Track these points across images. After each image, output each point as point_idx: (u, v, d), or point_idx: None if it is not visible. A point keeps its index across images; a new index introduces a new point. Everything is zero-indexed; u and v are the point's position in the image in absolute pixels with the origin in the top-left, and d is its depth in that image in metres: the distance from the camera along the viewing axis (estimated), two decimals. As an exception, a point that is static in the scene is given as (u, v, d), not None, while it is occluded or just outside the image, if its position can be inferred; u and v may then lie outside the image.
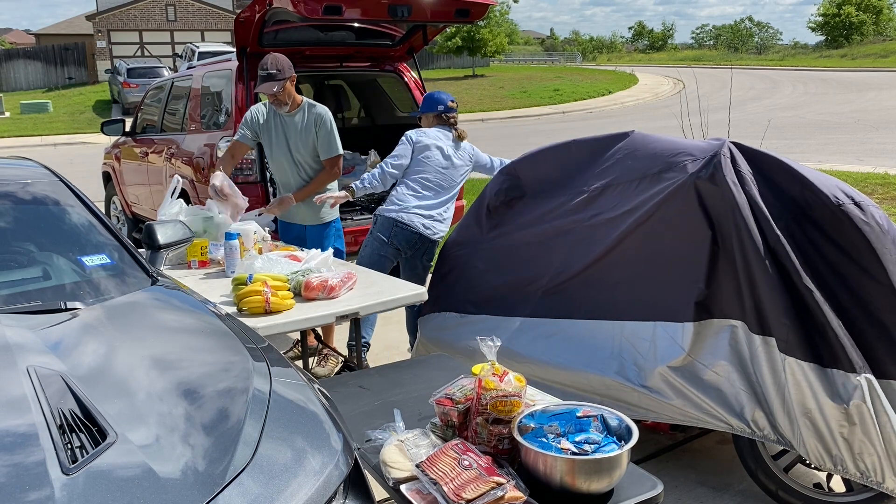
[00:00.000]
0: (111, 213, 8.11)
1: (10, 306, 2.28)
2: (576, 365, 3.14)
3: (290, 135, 4.22)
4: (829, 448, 2.63)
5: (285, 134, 4.23)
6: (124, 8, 36.19)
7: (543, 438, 2.04)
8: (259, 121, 4.28)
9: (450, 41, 36.01)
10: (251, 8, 4.68)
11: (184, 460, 1.60)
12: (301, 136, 4.20)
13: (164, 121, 6.69)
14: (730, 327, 2.82)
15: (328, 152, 4.20)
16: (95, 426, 1.66)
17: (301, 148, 4.22)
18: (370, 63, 5.80)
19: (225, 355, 2.12)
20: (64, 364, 1.91)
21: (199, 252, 3.70)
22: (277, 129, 4.24)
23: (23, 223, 2.73)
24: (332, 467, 1.72)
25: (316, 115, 4.18)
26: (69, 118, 25.31)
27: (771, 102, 23.89)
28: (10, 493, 1.43)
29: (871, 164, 10.95)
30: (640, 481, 2.01)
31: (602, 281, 3.16)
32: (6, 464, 1.52)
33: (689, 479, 3.17)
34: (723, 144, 2.98)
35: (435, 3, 4.53)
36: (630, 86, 32.73)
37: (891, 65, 35.98)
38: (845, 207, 2.66)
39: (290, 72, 4.08)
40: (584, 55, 69.43)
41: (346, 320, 3.17)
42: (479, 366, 2.21)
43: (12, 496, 1.43)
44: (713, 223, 2.88)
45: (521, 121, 23.21)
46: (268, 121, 4.27)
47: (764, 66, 43.85)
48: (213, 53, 20.67)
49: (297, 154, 4.23)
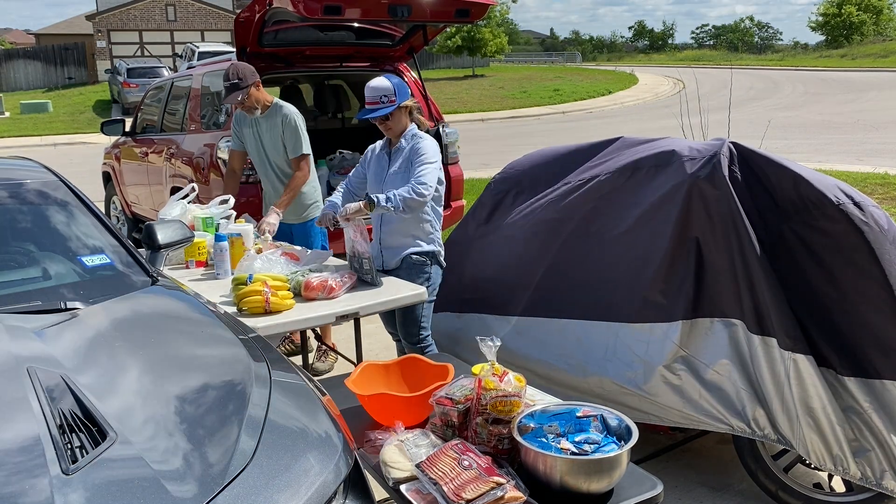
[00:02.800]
0: (111, 213, 8.11)
1: (9, 306, 2.28)
2: (572, 366, 3.14)
3: (263, 137, 4.31)
4: (831, 448, 2.63)
5: (260, 137, 4.32)
6: (124, 8, 36.19)
7: (543, 438, 2.04)
8: (240, 127, 4.40)
9: (450, 41, 36.02)
10: (251, 8, 4.69)
11: (183, 460, 1.60)
12: (271, 137, 4.27)
13: (163, 121, 6.69)
14: (728, 327, 2.82)
15: (294, 151, 4.24)
16: (95, 426, 1.66)
17: (271, 149, 4.30)
18: (370, 63, 5.80)
19: (225, 355, 2.12)
20: (64, 364, 1.91)
21: (196, 252, 3.70)
22: (253, 132, 4.33)
23: (23, 223, 2.73)
24: (332, 467, 1.72)
25: (283, 115, 4.23)
26: (69, 118, 25.31)
27: (771, 102, 23.89)
28: (10, 492, 1.43)
29: (871, 164, 10.95)
30: (640, 481, 2.01)
31: (597, 280, 3.16)
32: (6, 464, 1.52)
33: (689, 479, 3.17)
34: (722, 144, 2.97)
35: (435, 3, 4.54)
36: (630, 86, 32.72)
37: (891, 65, 35.98)
38: (845, 207, 2.66)
39: (252, 77, 4.14)
40: (584, 55, 69.46)
41: (347, 320, 3.17)
42: (479, 366, 2.21)
43: (12, 496, 1.43)
44: (712, 224, 2.88)
45: (521, 121, 23.20)
46: (245, 126, 4.37)
47: (764, 66, 43.85)
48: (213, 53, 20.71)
49: (270, 155, 4.32)
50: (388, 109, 3.37)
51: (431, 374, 2.46)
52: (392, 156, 3.52)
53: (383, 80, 3.40)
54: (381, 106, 3.37)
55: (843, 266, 2.67)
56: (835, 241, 2.68)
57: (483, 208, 3.78)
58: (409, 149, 3.44)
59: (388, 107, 3.37)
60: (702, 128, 7.83)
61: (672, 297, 2.92)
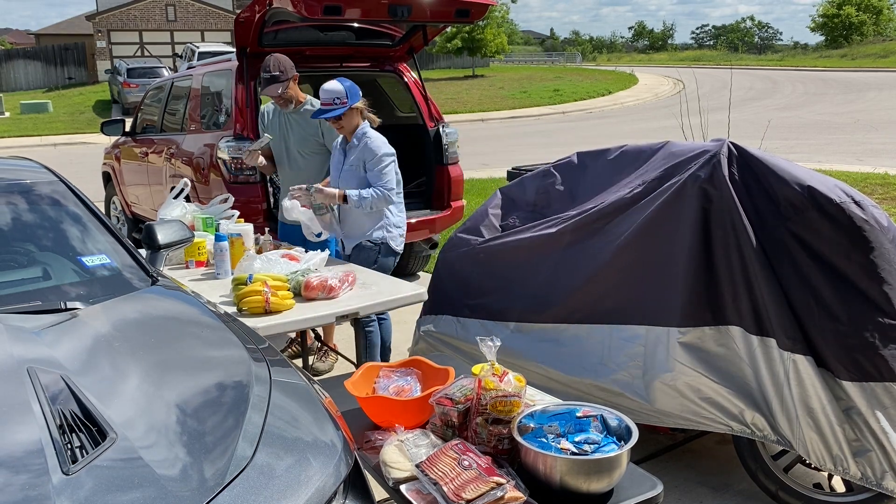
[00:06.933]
0: (111, 213, 8.11)
1: (10, 306, 2.28)
2: (569, 370, 3.14)
3: (291, 131, 4.33)
4: (830, 448, 2.63)
5: (288, 130, 4.35)
6: (124, 8, 36.18)
7: (543, 438, 2.04)
8: (266, 119, 4.45)
9: (450, 42, 36.02)
10: (251, 8, 4.69)
11: (183, 460, 1.60)
12: (303, 132, 4.30)
13: (164, 121, 6.69)
14: (728, 328, 2.82)
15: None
16: (95, 426, 1.66)
17: (296, 143, 4.32)
18: (370, 63, 5.80)
19: (224, 355, 2.11)
20: (64, 364, 1.91)
21: (196, 252, 3.70)
22: (282, 125, 4.36)
23: (23, 223, 2.73)
24: (332, 467, 1.72)
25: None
26: (69, 118, 25.31)
27: (771, 102, 23.89)
28: (11, 492, 1.43)
29: (871, 165, 10.95)
30: (640, 481, 2.01)
31: (595, 284, 3.15)
32: (6, 464, 1.52)
33: (689, 479, 3.17)
34: (722, 145, 2.97)
35: (435, 3, 4.54)
36: (630, 86, 32.74)
37: (891, 65, 35.99)
38: (846, 206, 2.66)
39: (292, 72, 4.19)
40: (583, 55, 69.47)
41: (346, 320, 3.17)
42: (479, 366, 2.21)
43: (12, 496, 1.43)
44: (711, 224, 2.88)
45: (521, 121, 23.21)
46: (273, 118, 4.42)
47: (764, 67, 43.86)
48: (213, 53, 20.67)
49: (294, 148, 4.34)
50: (341, 111, 3.75)
51: (433, 377, 2.46)
52: (347, 151, 3.92)
53: (336, 83, 3.77)
54: (334, 107, 3.76)
55: (843, 266, 2.66)
56: (835, 240, 2.67)
57: (491, 217, 3.80)
58: (360, 147, 3.83)
59: (339, 108, 3.76)
60: (702, 128, 7.83)
61: (670, 299, 2.91)
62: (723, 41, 76.50)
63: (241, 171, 4.99)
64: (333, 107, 3.75)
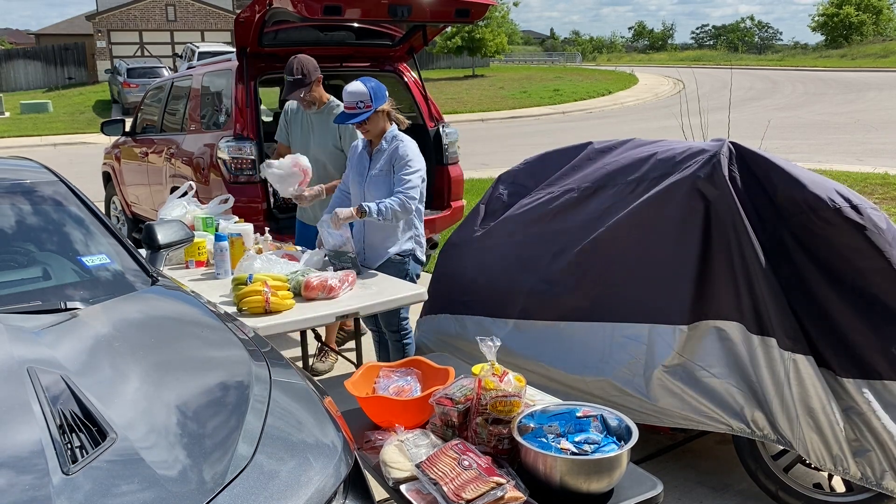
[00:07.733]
0: (111, 213, 8.11)
1: (9, 306, 2.28)
2: (570, 368, 3.14)
3: (314, 131, 4.31)
4: (830, 447, 2.63)
5: (310, 130, 4.33)
6: (124, 8, 36.18)
7: (543, 438, 2.04)
8: (289, 117, 4.44)
9: (450, 41, 36.01)
10: (251, 8, 4.68)
11: (183, 460, 1.60)
12: (323, 134, 4.27)
13: (164, 121, 6.68)
14: (728, 328, 2.82)
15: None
16: (95, 426, 1.66)
17: (321, 145, 4.28)
18: (370, 63, 5.80)
19: (225, 355, 2.11)
20: (64, 364, 1.91)
21: (196, 252, 3.70)
22: (304, 125, 4.35)
23: (23, 223, 2.73)
24: (332, 467, 1.72)
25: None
26: (69, 118, 25.30)
27: (771, 102, 23.89)
28: (11, 492, 1.43)
29: (871, 165, 10.95)
30: (640, 481, 2.01)
31: (596, 282, 3.16)
32: (6, 464, 1.52)
33: (689, 479, 3.17)
34: (722, 145, 2.98)
35: (435, 3, 4.53)
36: (630, 86, 32.72)
37: (891, 65, 35.98)
38: (841, 210, 2.66)
39: (316, 73, 4.15)
40: (583, 55, 69.47)
41: (346, 320, 3.17)
42: (479, 366, 2.21)
43: (13, 496, 1.43)
44: (711, 223, 2.88)
45: (521, 121, 23.20)
46: (296, 117, 4.41)
47: (764, 67, 43.86)
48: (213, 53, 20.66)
49: (315, 150, 4.28)
50: (366, 115, 3.46)
51: (433, 377, 2.46)
52: (373, 156, 3.62)
53: (360, 84, 3.48)
54: (359, 111, 3.47)
55: (842, 267, 2.67)
56: (832, 242, 2.68)
57: (483, 212, 3.79)
58: (390, 151, 3.54)
59: (364, 112, 3.46)
60: (702, 128, 7.82)
61: (671, 297, 2.91)
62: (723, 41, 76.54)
63: (241, 171, 4.99)
64: (357, 111, 3.46)
